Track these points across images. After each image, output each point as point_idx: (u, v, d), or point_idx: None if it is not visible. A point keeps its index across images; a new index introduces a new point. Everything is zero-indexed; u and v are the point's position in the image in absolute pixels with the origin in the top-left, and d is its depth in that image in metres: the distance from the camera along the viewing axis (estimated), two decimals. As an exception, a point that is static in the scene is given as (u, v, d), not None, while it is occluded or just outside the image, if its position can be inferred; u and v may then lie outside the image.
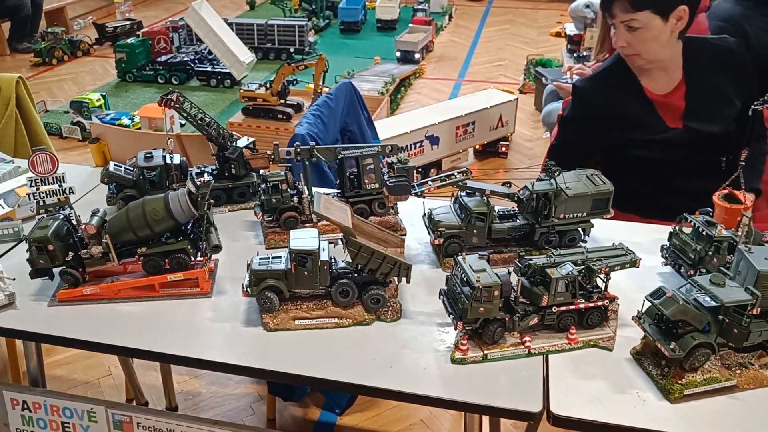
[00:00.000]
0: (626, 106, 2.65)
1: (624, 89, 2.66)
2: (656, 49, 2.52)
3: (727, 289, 1.57)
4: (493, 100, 5.81)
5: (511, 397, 1.61)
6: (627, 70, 2.64)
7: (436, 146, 5.52)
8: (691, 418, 1.54)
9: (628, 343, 1.74)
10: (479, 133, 5.72)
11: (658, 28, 2.47)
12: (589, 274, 1.73)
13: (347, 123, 3.32)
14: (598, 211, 2.08)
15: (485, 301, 1.65)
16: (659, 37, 2.49)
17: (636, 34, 2.49)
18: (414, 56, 7.89)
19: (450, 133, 5.55)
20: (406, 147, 5.33)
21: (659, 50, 2.53)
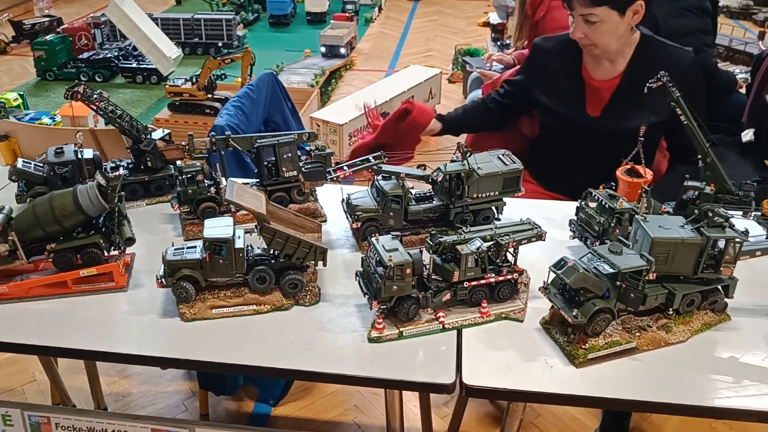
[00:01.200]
0: (561, 77, 2.76)
1: (567, 61, 2.75)
2: (612, 41, 2.59)
3: (624, 256, 1.66)
4: (422, 74, 5.96)
5: (426, 371, 1.65)
6: (578, 46, 2.72)
7: None
8: (595, 380, 1.62)
9: (538, 314, 1.81)
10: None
11: (615, 22, 2.52)
12: (498, 249, 1.79)
13: (271, 114, 3.31)
14: (509, 189, 2.15)
15: (398, 280, 1.69)
16: (616, 30, 2.55)
17: (593, 27, 2.54)
18: (339, 50, 7.87)
19: (396, 108, 5.75)
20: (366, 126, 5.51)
21: (614, 42, 2.60)
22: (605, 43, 2.60)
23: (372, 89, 6.09)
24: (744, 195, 2.04)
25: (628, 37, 2.63)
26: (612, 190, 2.06)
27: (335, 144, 5.57)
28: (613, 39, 2.58)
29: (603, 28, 2.54)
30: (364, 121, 5.67)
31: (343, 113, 5.61)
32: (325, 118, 5.57)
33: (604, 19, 2.51)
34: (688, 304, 1.74)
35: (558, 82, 2.79)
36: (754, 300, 1.88)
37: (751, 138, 3.62)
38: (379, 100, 5.73)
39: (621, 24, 2.54)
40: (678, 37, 4.13)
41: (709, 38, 4.24)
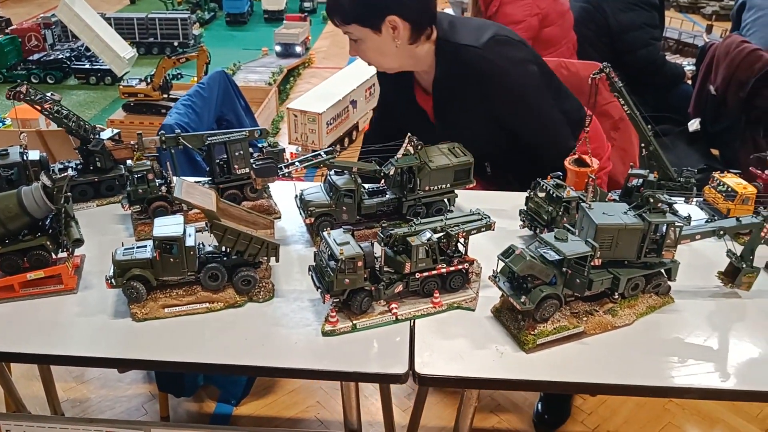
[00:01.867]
0: (402, 96, 2.66)
1: (404, 78, 2.59)
2: (381, 59, 2.42)
3: (570, 243, 1.70)
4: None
5: (380, 362, 1.67)
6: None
7: (355, 109, 5.99)
8: (544, 365, 1.66)
9: (490, 303, 1.84)
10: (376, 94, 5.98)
11: (375, 40, 2.32)
12: (448, 239, 1.81)
13: (223, 112, 3.29)
14: (461, 181, 2.18)
15: (350, 273, 1.70)
16: (382, 48, 2.34)
17: (358, 45, 2.38)
18: (295, 49, 7.82)
19: (362, 96, 6.07)
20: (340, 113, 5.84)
21: (388, 60, 2.42)
22: (377, 62, 2.43)
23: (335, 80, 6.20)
24: (686, 182, 2.11)
25: (411, 51, 2.38)
26: (560, 179, 2.10)
27: (314, 133, 5.63)
28: (384, 57, 2.39)
29: (366, 46, 2.34)
30: (340, 107, 5.79)
31: (319, 102, 5.67)
32: (302, 108, 5.61)
33: (362, 38, 2.32)
34: (632, 288, 1.79)
35: (401, 100, 2.68)
36: (696, 283, 1.94)
37: (697, 127, 3.75)
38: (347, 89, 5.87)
39: (384, 42, 2.31)
40: (627, 31, 4.26)
41: (656, 32, 4.37)
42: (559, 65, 3.29)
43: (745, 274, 1.85)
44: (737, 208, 2.08)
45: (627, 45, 4.21)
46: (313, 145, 5.63)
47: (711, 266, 1.97)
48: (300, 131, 5.66)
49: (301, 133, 5.67)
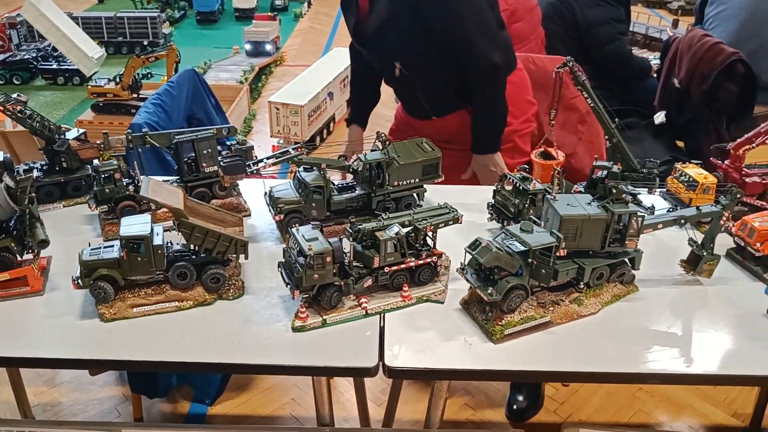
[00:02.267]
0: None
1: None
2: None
3: (535, 234, 1.72)
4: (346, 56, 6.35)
5: (350, 356, 1.68)
6: None
7: (332, 101, 6.13)
8: (512, 355, 1.68)
9: (459, 295, 1.86)
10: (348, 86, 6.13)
11: None
12: (416, 233, 1.83)
13: (193, 111, 3.27)
14: (429, 176, 2.20)
15: (319, 268, 1.71)
16: None
17: None
18: (265, 47, 7.76)
19: (337, 88, 6.19)
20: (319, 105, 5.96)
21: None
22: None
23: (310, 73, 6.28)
24: (648, 172, 2.15)
25: None
26: (526, 172, 2.13)
27: (296, 125, 5.71)
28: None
29: None
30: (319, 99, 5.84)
31: (300, 95, 5.76)
32: (284, 101, 5.69)
33: None
34: (597, 278, 1.83)
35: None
36: (660, 271, 1.99)
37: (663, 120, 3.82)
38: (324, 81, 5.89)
39: None
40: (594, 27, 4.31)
41: (623, 26, 4.43)
42: (527, 60, 3.33)
43: (706, 262, 1.90)
44: (699, 197, 2.13)
45: (594, 40, 4.26)
46: (295, 137, 5.73)
47: (674, 255, 2.01)
48: (282, 124, 5.74)
49: (284, 126, 5.75)
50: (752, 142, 2.13)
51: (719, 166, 2.22)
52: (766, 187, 2.17)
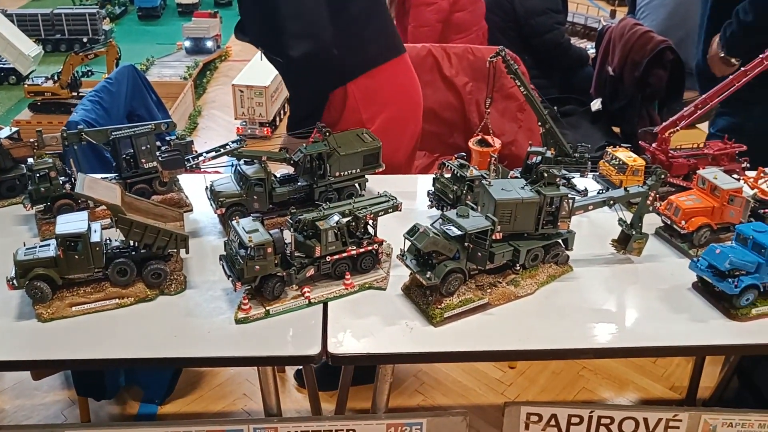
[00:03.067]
0: None
1: None
2: None
3: (471, 219, 1.77)
4: None
5: (293, 345, 1.70)
6: None
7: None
8: (452, 337, 1.73)
9: (401, 281, 1.90)
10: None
11: None
12: (357, 222, 1.86)
13: (134, 107, 3.22)
14: (370, 166, 2.23)
15: (260, 259, 1.72)
16: None
17: None
18: (206, 44, 7.62)
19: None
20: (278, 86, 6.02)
21: None
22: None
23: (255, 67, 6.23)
24: (580, 157, 2.23)
25: None
26: (464, 159, 2.18)
27: (261, 106, 5.83)
28: None
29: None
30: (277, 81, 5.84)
31: (261, 76, 5.83)
32: (248, 83, 5.78)
33: None
34: (532, 259, 1.89)
35: None
36: (593, 251, 2.07)
37: (599, 107, 3.94)
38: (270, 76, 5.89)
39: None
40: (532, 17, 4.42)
41: (560, 17, 4.55)
42: (466, 51, 3.40)
43: (635, 241, 1.98)
44: (628, 179, 2.21)
45: (533, 30, 4.37)
46: (260, 118, 5.87)
47: (606, 235, 2.09)
48: (246, 105, 5.84)
49: (248, 107, 5.85)
50: (676, 125, 2.23)
51: (647, 149, 2.31)
52: (691, 167, 2.27)
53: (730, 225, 1.98)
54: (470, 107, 3.42)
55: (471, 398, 3.10)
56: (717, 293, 1.82)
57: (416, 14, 3.98)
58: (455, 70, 3.44)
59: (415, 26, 3.98)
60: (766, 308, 1.80)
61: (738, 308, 1.78)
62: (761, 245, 1.76)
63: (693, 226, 2.01)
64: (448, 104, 3.45)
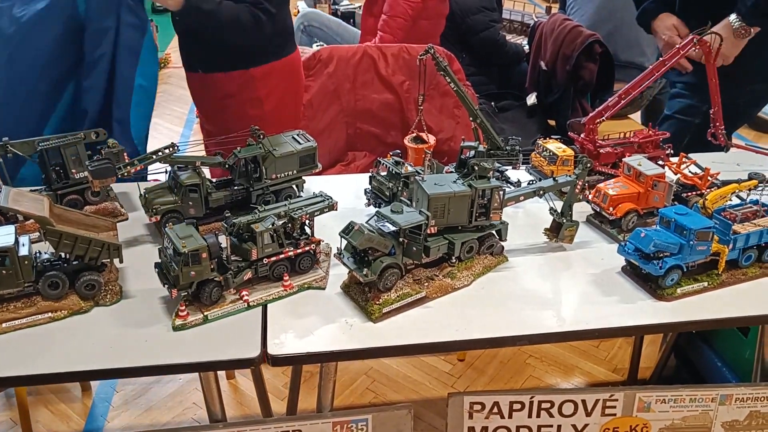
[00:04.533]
0: None
1: None
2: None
3: (405, 214, 1.80)
4: None
5: (233, 349, 1.69)
6: None
7: None
8: (391, 332, 1.75)
9: (340, 280, 1.91)
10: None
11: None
12: (293, 223, 1.86)
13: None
14: (307, 167, 2.23)
15: (195, 265, 1.71)
16: None
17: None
18: None
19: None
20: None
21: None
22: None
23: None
24: (511, 149, 2.28)
25: None
26: (399, 157, 2.21)
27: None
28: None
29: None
30: None
31: None
32: None
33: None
34: (467, 251, 1.93)
35: None
36: (527, 241, 2.12)
37: (534, 101, 4.04)
38: None
39: None
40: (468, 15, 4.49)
41: (495, 14, 4.64)
42: (401, 50, 3.44)
43: (566, 228, 2.04)
44: (559, 169, 2.28)
45: (469, 28, 4.45)
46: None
47: (540, 225, 2.15)
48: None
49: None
50: (602, 115, 2.31)
51: (576, 139, 2.39)
52: (618, 156, 2.35)
53: (655, 209, 2.06)
54: (408, 105, 3.45)
55: (422, 392, 3.14)
56: (644, 275, 1.89)
57: (393, 4, 3.94)
58: (392, 70, 3.47)
59: (390, 15, 3.95)
60: (690, 287, 1.88)
61: (664, 288, 1.85)
62: (683, 227, 1.84)
63: (620, 212, 2.08)
64: (385, 104, 3.48)
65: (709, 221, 1.86)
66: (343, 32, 4.95)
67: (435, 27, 4.15)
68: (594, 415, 2.01)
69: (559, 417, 2.00)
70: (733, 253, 1.90)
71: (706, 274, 1.91)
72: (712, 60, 2.28)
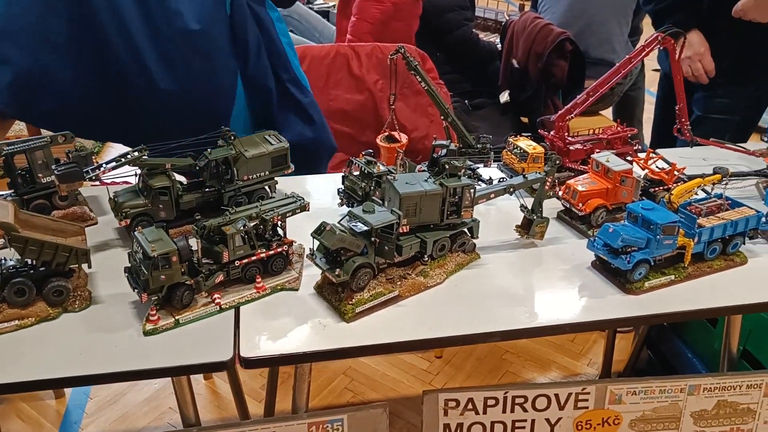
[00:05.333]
0: None
1: None
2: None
3: (377, 214, 1.80)
4: None
5: (205, 352, 1.68)
6: None
7: None
8: (364, 331, 1.75)
9: (313, 281, 1.91)
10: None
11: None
12: (264, 224, 1.86)
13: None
14: (279, 168, 2.23)
15: (165, 269, 1.69)
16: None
17: None
18: None
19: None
20: None
21: None
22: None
23: None
24: (482, 147, 2.30)
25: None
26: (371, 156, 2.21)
27: None
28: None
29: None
30: None
31: None
32: None
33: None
34: (440, 249, 1.94)
35: None
36: (499, 238, 2.14)
37: (507, 98, 4.07)
38: None
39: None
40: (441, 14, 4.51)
41: (468, 13, 4.66)
42: (374, 49, 3.44)
43: (536, 225, 2.06)
44: (530, 166, 2.30)
45: (443, 26, 4.46)
46: None
47: (511, 222, 2.17)
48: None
49: None
50: (571, 112, 2.33)
51: (546, 136, 2.41)
52: (588, 152, 2.38)
53: (624, 204, 2.09)
54: (382, 105, 3.46)
55: (400, 390, 3.15)
56: (613, 270, 1.92)
57: (362, 6, 3.93)
58: (365, 69, 3.47)
59: (358, 18, 3.95)
60: (657, 281, 1.91)
61: (632, 282, 1.88)
62: (649, 222, 1.87)
63: (589, 207, 2.11)
64: (359, 103, 3.48)
65: (675, 216, 1.89)
66: (323, 29, 4.93)
67: (409, 28, 4.16)
68: (567, 409, 2.03)
69: (533, 411, 2.02)
70: (698, 246, 1.94)
71: (673, 268, 1.94)
72: (677, 57, 2.32)
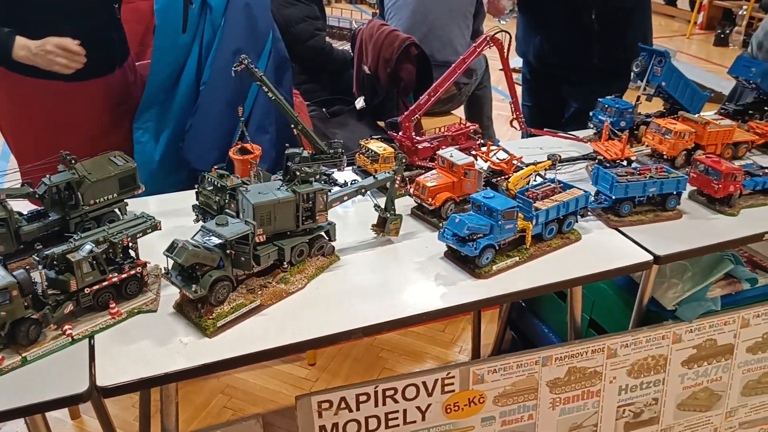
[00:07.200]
0: None
1: None
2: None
3: (231, 226, 1.80)
4: None
5: (59, 387, 1.60)
6: None
7: None
8: (228, 344, 1.74)
9: (172, 300, 1.88)
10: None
11: None
12: (113, 247, 1.80)
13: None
14: (128, 188, 2.16)
15: (5, 305, 1.60)
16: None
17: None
18: None
19: None
20: None
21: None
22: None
23: None
24: (335, 152, 2.36)
25: None
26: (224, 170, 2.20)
27: None
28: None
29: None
30: None
31: None
32: None
33: None
34: (298, 255, 1.97)
35: None
36: (358, 238, 2.21)
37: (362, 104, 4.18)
38: None
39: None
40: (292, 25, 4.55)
41: (319, 23, 4.73)
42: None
43: (390, 222, 2.15)
44: (381, 167, 2.39)
45: (295, 37, 4.49)
46: None
47: (369, 222, 2.24)
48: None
49: None
50: (415, 113, 2.45)
51: (395, 137, 2.52)
52: (435, 150, 2.51)
53: (469, 196, 2.23)
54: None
55: (279, 401, 3.14)
56: (463, 257, 2.04)
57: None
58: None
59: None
60: (504, 263, 2.06)
61: (481, 267, 2.01)
62: (491, 209, 2.01)
63: (438, 201, 2.23)
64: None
65: (513, 201, 2.04)
66: None
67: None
68: (435, 395, 2.13)
69: (403, 402, 2.11)
70: (537, 228, 2.11)
71: (516, 250, 2.10)
72: (506, 56, 2.50)
